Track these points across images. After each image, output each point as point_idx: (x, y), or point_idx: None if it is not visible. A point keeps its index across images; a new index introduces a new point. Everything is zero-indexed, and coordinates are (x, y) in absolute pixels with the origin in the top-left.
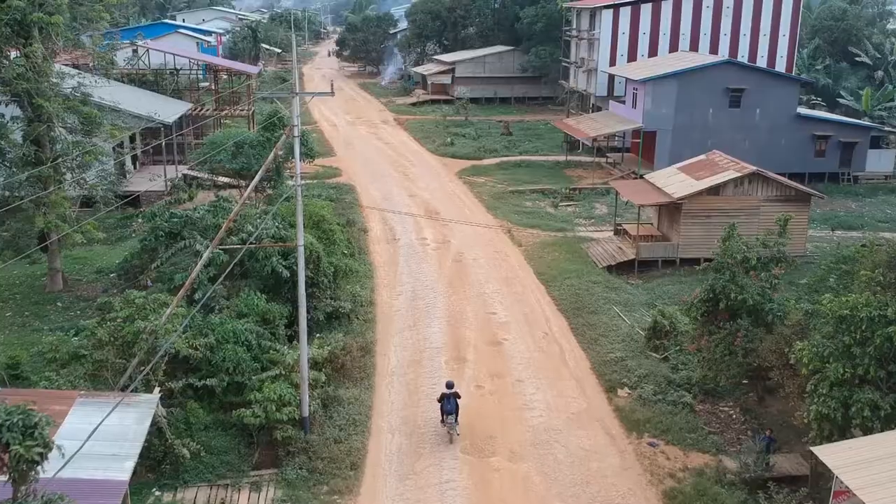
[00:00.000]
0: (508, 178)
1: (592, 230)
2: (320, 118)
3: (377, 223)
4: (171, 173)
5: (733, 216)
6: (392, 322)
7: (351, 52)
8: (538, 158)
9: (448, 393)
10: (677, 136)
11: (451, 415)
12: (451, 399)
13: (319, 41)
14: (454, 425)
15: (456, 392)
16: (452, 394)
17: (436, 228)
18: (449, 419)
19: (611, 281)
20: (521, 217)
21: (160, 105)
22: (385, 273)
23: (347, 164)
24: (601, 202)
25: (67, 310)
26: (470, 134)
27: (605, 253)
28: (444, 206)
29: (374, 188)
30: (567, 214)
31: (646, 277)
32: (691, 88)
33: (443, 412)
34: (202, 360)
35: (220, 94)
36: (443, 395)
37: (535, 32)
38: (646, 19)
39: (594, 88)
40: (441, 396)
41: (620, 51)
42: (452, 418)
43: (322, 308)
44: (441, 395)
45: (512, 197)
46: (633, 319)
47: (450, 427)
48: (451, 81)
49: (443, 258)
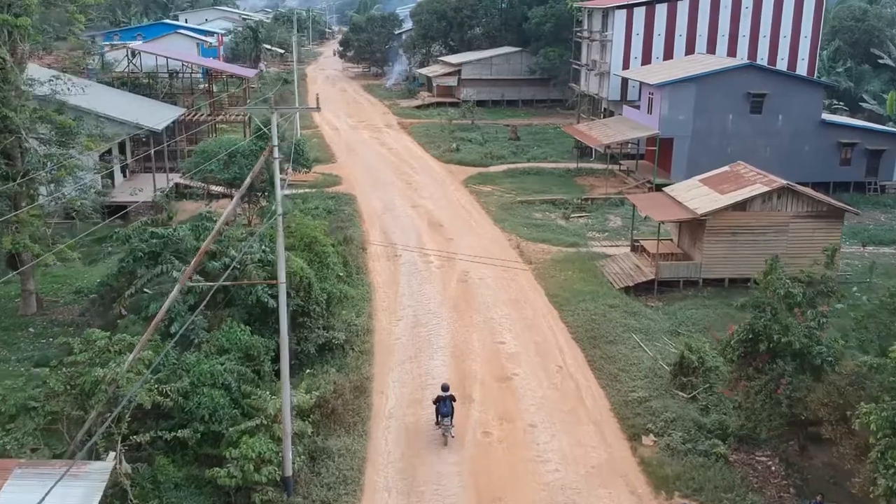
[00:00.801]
0: (517, 186)
1: (607, 245)
2: (322, 122)
3: (377, 236)
4: (162, 182)
5: (760, 233)
6: (391, 353)
7: (355, 52)
8: (547, 165)
9: (444, 395)
10: (695, 143)
11: (446, 417)
12: (447, 402)
13: (324, 41)
14: (450, 427)
15: (451, 395)
16: (448, 396)
17: (440, 243)
18: (444, 421)
19: (629, 304)
20: (531, 230)
21: (151, 110)
22: (385, 295)
23: (348, 171)
24: (615, 213)
25: (39, 336)
26: (476, 139)
27: (621, 272)
28: (449, 217)
29: (375, 198)
30: (579, 227)
31: (666, 299)
32: (711, 93)
33: (438, 414)
34: (175, 406)
35: (214, 98)
36: (438, 398)
37: (543, 33)
38: (661, 20)
39: (606, 92)
40: (437, 399)
41: (634, 53)
42: (448, 420)
43: (313, 340)
44: (437, 398)
45: (520, 208)
46: (655, 350)
47: (445, 429)
48: (457, 83)
49: (447, 278)
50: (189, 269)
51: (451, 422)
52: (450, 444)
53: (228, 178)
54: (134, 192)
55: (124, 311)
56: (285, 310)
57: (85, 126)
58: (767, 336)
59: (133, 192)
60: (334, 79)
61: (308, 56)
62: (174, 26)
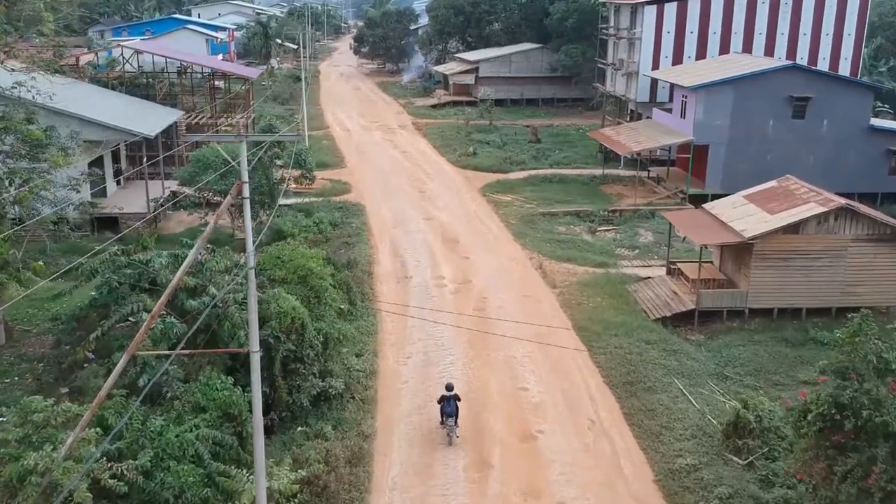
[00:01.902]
0: (538, 196)
1: (638, 265)
2: (333, 122)
3: (386, 254)
4: (157, 191)
5: (815, 259)
6: (397, 402)
7: (370, 48)
8: (571, 172)
9: (448, 395)
10: (732, 150)
11: (451, 417)
12: (452, 401)
13: (339, 36)
14: (454, 427)
15: (456, 395)
16: (452, 396)
17: (455, 263)
18: (449, 421)
19: (667, 340)
20: (554, 247)
21: (147, 114)
22: (392, 326)
23: (358, 177)
24: (645, 227)
25: (4, 375)
26: (494, 141)
27: (656, 299)
28: (466, 231)
29: (386, 208)
30: (606, 243)
31: (708, 331)
32: (749, 97)
33: (442, 414)
34: (133, 488)
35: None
36: (442, 398)
37: (565, 29)
38: (693, 17)
39: (634, 93)
40: (441, 398)
41: (665, 52)
42: (452, 420)
43: (307, 390)
44: (441, 397)
45: (543, 220)
46: (701, 400)
47: (449, 430)
48: (475, 81)
49: (463, 305)
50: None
51: (456, 422)
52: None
53: (225, 190)
54: (114, 208)
55: (90, 356)
56: (258, 384)
57: (60, 136)
58: (854, 412)
59: (113, 208)
60: (348, 76)
61: (322, 52)
62: (183, 21)
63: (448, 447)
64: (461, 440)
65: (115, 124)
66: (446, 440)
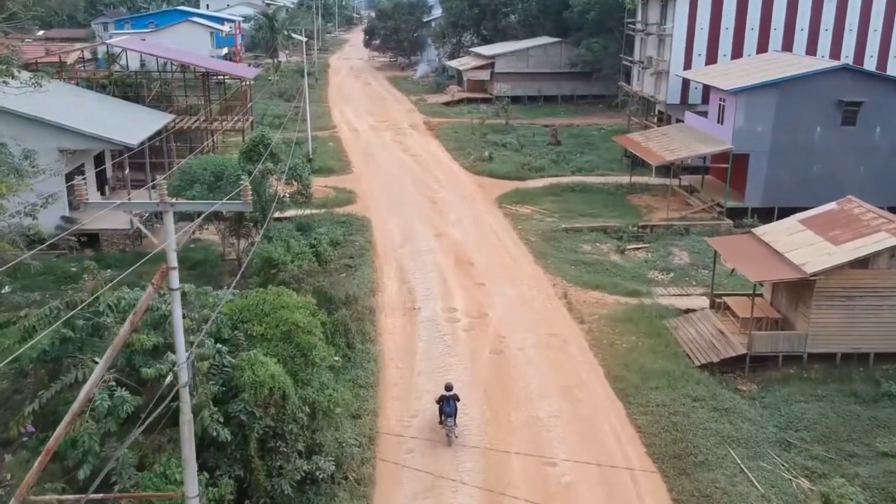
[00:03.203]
0: (560, 207)
1: (675, 293)
2: (340, 121)
3: (392, 279)
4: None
5: (886, 297)
6: (399, 483)
7: (381, 41)
8: (595, 180)
9: (447, 395)
10: (775, 160)
11: (450, 417)
12: (451, 401)
13: (352, 27)
14: (453, 427)
15: (455, 395)
16: (452, 396)
17: (469, 291)
18: (448, 421)
19: (716, 394)
20: (580, 270)
21: (134, 119)
22: (395, 373)
23: (364, 184)
24: (679, 246)
25: None
26: (511, 143)
27: (700, 339)
28: (481, 251)
29: (393, 222)
30: (637, 264)
31: (761, 380)
32: (795, 101)
33: (442, 413)
34: None
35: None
36: (442, 398)
37: (586, 22)
38: (730, 11)
39: (664, 94)
40: (440, 398)
41: (697, 49)
42: (451, 420)
43: (289, 473)
44: (440, 397)
45: (566, 237)
46: (764, 479)
47: (448, 430)
48: (490, 77)
49: (477, 346)
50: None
51: (455, 422)
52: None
53: None
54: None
55: (30, 429)
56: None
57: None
58: None
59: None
60: (359, 70)
61: (333, 44)
62: (186, 14)
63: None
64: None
65: (95, 132)
66: (445, 440)
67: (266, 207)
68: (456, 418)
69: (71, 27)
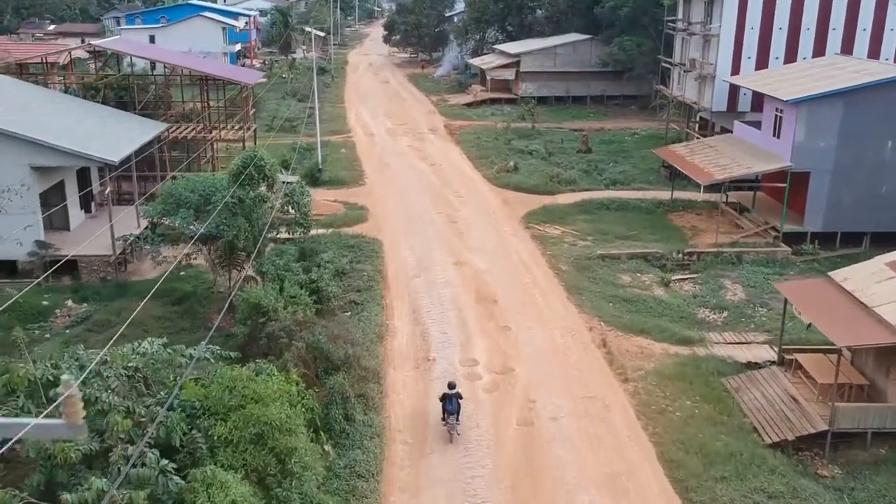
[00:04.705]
0: (594, 228)
1: (732, 340)
2: (355, 124)
3: (404, 320)
4: (126, 226)
5: None
6: None
7: (401, 37)
8: (631, 195)
9: (450, 393)
10: (838, 179)
11: (452, 414)
12: (454, 399)
13: (372, 21)
14: (455, 425)
15: (458, 392)
16: (455, 394)
17: (492, 337)
18: (451, 419)
19: (797, 488)
20: (620, 308)
21: (122, 129)
22: (403, 453)
23: (378, 198)
24: (732, 277)
25: None
26: (538, 151)
27: (769, 408)
28: (505, 284)
29: (407, 246)
30: (685, 300)
31: (846, 463)
32: (863, 113)
33: (445, 411)
34: None
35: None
36: (445, 395)
37: (619, 18)
38: (783, 9)
39: (708, 101)
40: (443, 396)
41: (747, 52)
42: (454, 418)
43: None
44: (443, 395)
45: (602, 266)
46: None
47: (450, 427)
48: (515, 77)
49: (502, 414)
50: None
51: (458, 419)
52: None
53: (200, 235)
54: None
55: None
56: None
57: None
58: None
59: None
60: (378, 66)
61: (353, 38)
62: (198, 8)
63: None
64: None
65: (70, 148)
66: (447, 437)
67: (259, 235)
68: (458, 416)
69: (84, 21)
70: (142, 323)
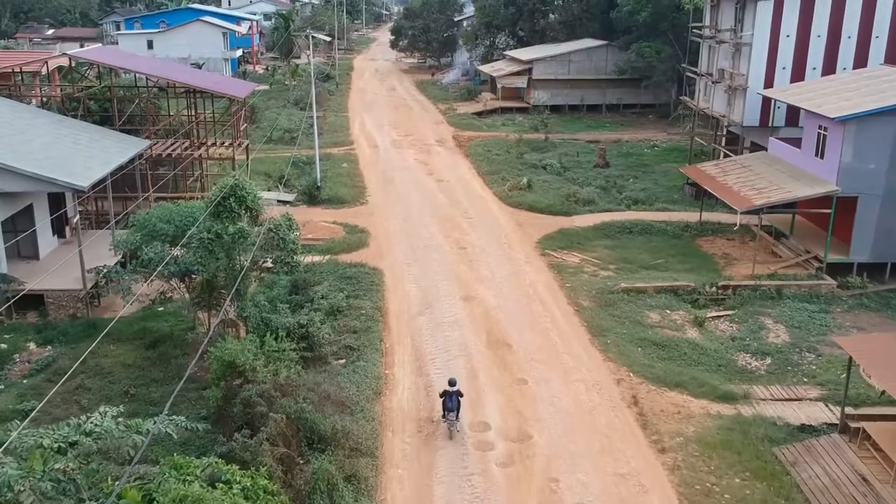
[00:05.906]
0: (616, 256)
1: (780, 394)
2: (359, 134)
3: (405, 371)
4: (96, 258)
5: None
6: None
7: (409, 42)
8: (655, 217)
9: (451, 391)
10: (890, 205)
11: (452, 412)
12: (454, 396)
13: (380, 25)
14: (454, 422)
15: (458, 390)
16: (455, 392)
17: (506, 394)
18: (450, 416)
19: None
20: (651, 356)
21: (98, 148)
22: None
23: (380, 220)
24: (771, 314)
25: None
26: (552, 166)
27: (834, 489)
28: (520, 324)
29: (411, 277)
30: (722, 343)
31: None
32: None
33: (444, 408)
34: None
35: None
36: (445, 392)
37: (636, 24)
38: (822, 15)
39: (739, 114)
40: (443, 393)
41: (782, 62)
42: (454, 415)
43: None
44: (443, 392)
45: (626, 302)
46: None
47: (450, 424)
48: (527, 84)
49: (518, 500)
50: None
51: (457, 416)
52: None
53: (176, 272)
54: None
55: None
56: None
57: None
58: None
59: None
60: (385, 73)
61: (360, 43)
62: (198, 12)
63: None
64: None
65: (33, 171)
66: (447, 433)
67: (239, 274)
68: (458, 413)
69: (84, 26)
70: (109, 373)
